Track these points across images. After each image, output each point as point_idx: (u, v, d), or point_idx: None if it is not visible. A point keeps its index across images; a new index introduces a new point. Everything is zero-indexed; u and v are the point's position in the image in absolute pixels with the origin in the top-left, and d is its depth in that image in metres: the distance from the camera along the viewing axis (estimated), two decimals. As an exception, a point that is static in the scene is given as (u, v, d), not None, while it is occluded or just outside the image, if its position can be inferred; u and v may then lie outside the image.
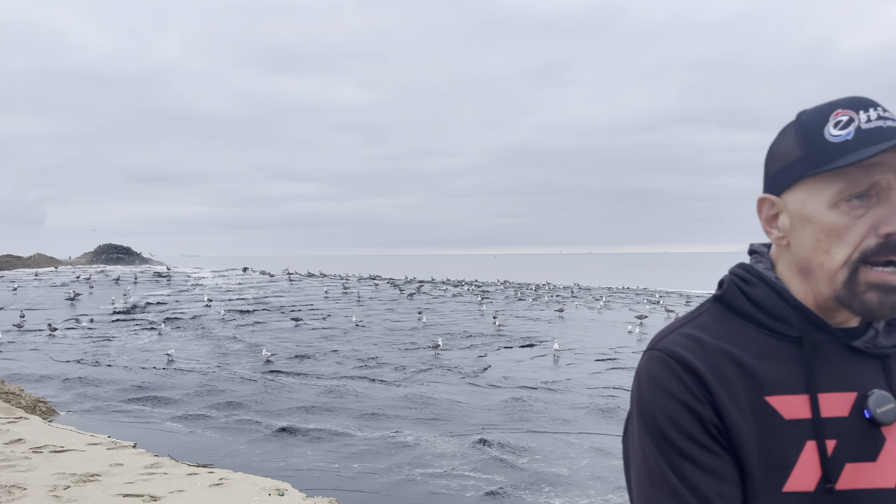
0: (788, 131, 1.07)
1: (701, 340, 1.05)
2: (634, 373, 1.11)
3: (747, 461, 0.99)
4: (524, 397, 14.38)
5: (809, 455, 0.98)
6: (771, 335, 1.05)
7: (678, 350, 1.04)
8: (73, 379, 16.03)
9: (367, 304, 37.51)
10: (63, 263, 73.63)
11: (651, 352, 1.08)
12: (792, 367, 1.02)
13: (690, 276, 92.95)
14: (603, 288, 55.79)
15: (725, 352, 1.03)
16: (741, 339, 1.05)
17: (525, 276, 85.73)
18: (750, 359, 1.03)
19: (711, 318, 1.09)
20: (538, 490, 8.90)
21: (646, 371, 1.06)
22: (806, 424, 0.99)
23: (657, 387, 1.03)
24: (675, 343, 1.06)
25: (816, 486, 0.98)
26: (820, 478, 0.98)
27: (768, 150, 1.11)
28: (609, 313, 34.21)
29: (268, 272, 63.02)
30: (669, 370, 1.03)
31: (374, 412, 13.07)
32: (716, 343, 1.04)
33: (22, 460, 7.81)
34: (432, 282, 59.32)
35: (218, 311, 31.45)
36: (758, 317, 1.06)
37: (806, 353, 1.02)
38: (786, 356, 1.03)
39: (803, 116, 1.06)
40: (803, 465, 0.98)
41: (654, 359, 1.06)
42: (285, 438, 11.35)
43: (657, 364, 1.05)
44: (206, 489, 7.08)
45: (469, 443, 10.92)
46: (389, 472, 9.54)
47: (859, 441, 1.00)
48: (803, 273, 1.06)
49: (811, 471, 0.98)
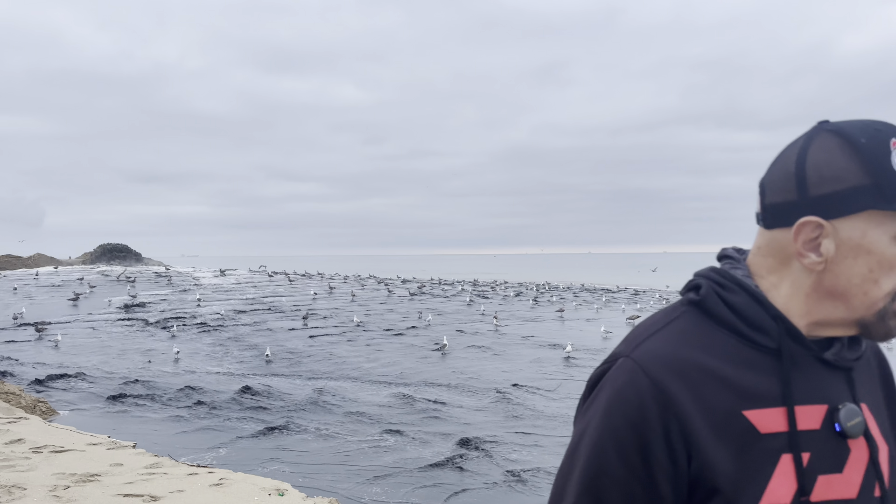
0: (834, 149, 1.00)
1: (679, 352, 1.01)
2: (600, 370, 1.05)
3: (718, 482, 0.97)
4: (522, 398, 14.38)
5: (785, 468, 0.98)
6: (748, 345, 1.03)
7: (655, 369, 1.00)
8: (73, 379, 16.03)
9: (367, 304, 37.51)
10: (63, 263, 73.62)
11: (625, 360, 1.02)
12: (768, 379, 1.01)
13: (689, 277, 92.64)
14: (601, 289, 55.79)
15: (705, 366, 1.00)
16: (720, 348, 1.02)
17: (525, 276, 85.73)
18: (729, 370, 1.00)
19: (688, 323, 1.05)
20: (529, 486, 8.93)
21: (613, 381, 1.02)
22: (781, 437, 0.99)
23: (620, 406, 0.99)
24: (652, 356, 1.01)
25: (792, 500, 0.97)
26: (795, 491, 0.98)
27: (805, 166, 1.02)
28: (608, 312, 34.22)
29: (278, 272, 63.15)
30: (637, 393, 0.99)
31: (373, 412, 13.07)
32: (695, 355, 1.01)
33: (22, 460, 7.80)
34: (432, 281, 59.30)
35: (218, 311, 31.45)
36: (737, 325, 1.03)
37: (785, 366, 1.01)
38: (762, 367, 1.02)
39: (861, 139, 1.00)
40: (779, 478, 0.98)
41: (626, 370, 1.01)
42: (285, 438, 11.35)
43: (628, 379, 1.00)
44: (206, 489, 7.08)
45: (468, 442, 10.93)
46: (389, 472, 9.55)
47: (829, 453, 1.01)
48: (830, 296, 1.03)
49: (787, 484, 0.98)
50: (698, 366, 1.00)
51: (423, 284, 55.14)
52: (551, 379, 16.73)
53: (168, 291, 42.69)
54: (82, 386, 15.43)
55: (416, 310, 33.43)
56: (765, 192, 1.06)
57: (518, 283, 61.21)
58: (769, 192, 1.05)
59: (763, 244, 1.08)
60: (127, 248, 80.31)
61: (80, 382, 15.74)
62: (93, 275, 55.13)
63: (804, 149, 1.03)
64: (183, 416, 12.79)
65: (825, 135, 1.03)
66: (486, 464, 9.93)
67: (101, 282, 49.02)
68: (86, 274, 55.96)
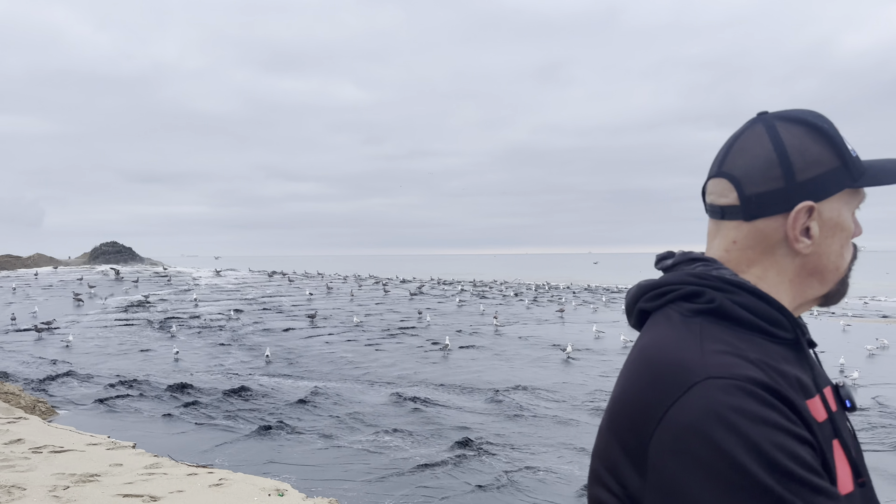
0: (804, 136, 1.04)
1: (745, 357, 0.94)
2: (695, 414, 0.87)
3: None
4: (522, 398, 14.37)
5: (839, 454, 0.97)
6: (772, 340, 1.01)
7: (749, 375, 0.90)
8: (73, 379, 16.02)
9: (367, 304, 37.49)
10: (62, 263, 73.57)
11: (710, 381, 0.89)
12: (800, 369, 1.00)
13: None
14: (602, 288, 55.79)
15: (773, 367, 0.95)
16: (758, 347, 0.97)
17: (525, 275, 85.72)
18: (779, 366, 0.96)
19: (716, 331, 0.98)
20: (529, 487, 8.93)
21: (719, 407, 0.87)
22: (827, 425, 0.98)
23: (758, 420, 0.86)
24: (730, 366, 0.91)
25: (853, 484, 0.98)
26: (851, 475, 0.98)
27: (787, 153, 1.03)
28: (609, 313, 34.21)
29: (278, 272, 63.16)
30: (759, 399, 0.88)
31: (373, 412, 13.06)
32: (755, 357, 0.95)
33: (21, 460, 7.80)
34: (432, 281, 59.30)
35: (217, 311, 31.44)
36: (758, 324, 1.00)
37: (807, 353, 1.04)
38: (791, 359, 1.01)
39: (822, 124, 1.05)
40: (839, 465, 0.97)
41: (727, 388, 0.88)
42: (285, 438, 11.34)
43: (738, 393, 0.88)
44: (206, 489, 7.08)
45: (468, 443, 10.92)
46: (389, 473, 9.54)
47: (848, 430, 1.04)
48: (811, 276, 1.07)
49: (845, 470, 0.97)
50: (768, 365, 0.95)
51: (423, 284, 55.13)
52: (551, 379, 16.73)
53: (168, 291, 42.67)
54: (82, 386, 15.42)
55: (416, 310, 33.42)
56: (741, 185, 1.05)
57: (518, 283, 61.22)
58: (748, 184, 1.05)
59: (740, 237, 1.07)
60: (127, 249, 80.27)
61: (80, 382, 15.74)
62: (92, 275, 55.11)
63: (777, 137, 1.04)
64: (182, 416, 12.78)
65: (786, 123, 1.06)
66: (486, 464, 9.93)
67: (101, 282, 49.01)
68: (85, 274, 55.94)
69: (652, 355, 0.98)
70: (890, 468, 10.09)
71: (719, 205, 1.09)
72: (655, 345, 0.99)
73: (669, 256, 1.14)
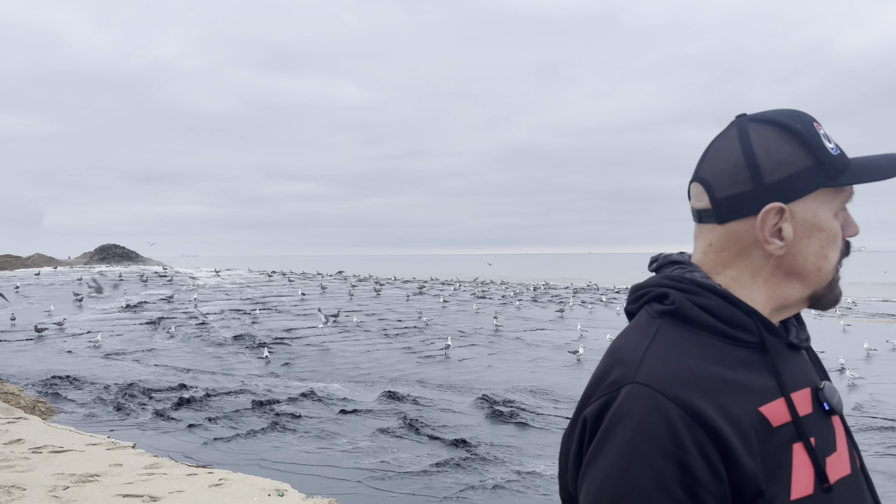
0: (775, 137, 1.04)
1: (685, 365, 0.98)
2: (599, 403, 0.98)
3: (758, 485, 0.95)
4: (522, 399, 14.37)
5: (800, 458, 0.99)
6: (733, 344, 1.02)
7: (672, 388, 0.95)
8: (73, 379, 16.02)
9: (366, 304, 37.49)
10: (62, 263, 73.54)
11: (633, 386, 0.97)
12: (762, 373, 1.01)
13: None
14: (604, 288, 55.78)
15: (712, 373, 0.98)
16: (713, 352, 1.00)
17: (525, 275, 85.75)
18: (731, 372, 0.99)
19: (672, 334, 1.02)
20: (528, 487, 8.93)
21: (630, 413, 0.95)
22: (790, 428, 0.99)
23: (648, 437, 0.92)
24: (661, 375, 0.96)
25: (814, 487, 0.98)
26: (814, 478, 0.98)
27: (755, 155, 1.04)
28: (610, 313, 34.22)
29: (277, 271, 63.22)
30: (663, 418, 0.93)
31: (372, 412, 13.07)
32: (700, 364, 0.98)
33: (21, 460, 7.80)
34: (432, 281, 59.33)
35: (217, 311, 31.44)
36: (719, 327, 1.02)
37: (772, 356, 1.03)
38: (753, 363, 1.02)
39: (795, 124, 1.05)
40: (798, 469, 0.98)
41: (642, 397, 0.95)
42: (284, 438, 11.35)
43: (647, 405, 0.94)
44: (206, 489, 7.08)
45: (467, 444, 10.93)
46: (388, 473, 9.54)
47: (825, 433, 1.03)
48: (790, 277, 1.06)
49: (806, 473, 0.98)
50: (708, 374, 0.98)
51: (423, 284, 55.14)
52: (551, 380, 16.72)
53: (168, 291, 42.66)
54: (81, 386, 15.42)
55: (416, 310, 33.42)
56: (712, 188, 1.07)
57: (518, 283, 61.23)
58: (718, 187, 1.07)
59: (714, 240, 1.08)
60: (126, 249, 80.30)
61: (80, 383, 15.73)
62: (93, 275, 55.11)
63: (746, 140, 1.05)
64: (182, 416, 12.78)
65: (758, 125, 1.06)
66: (486, 466, 9.93)
67: (101, 282, 48.99)
68: (84, 274, 55.95)
69: (610, 351, 1.07)
70: (890, 468, 10.09)
71: (696, 208, 1.11)
72: (618, 343, 1.07)
73: (677, 258, 1.17)
